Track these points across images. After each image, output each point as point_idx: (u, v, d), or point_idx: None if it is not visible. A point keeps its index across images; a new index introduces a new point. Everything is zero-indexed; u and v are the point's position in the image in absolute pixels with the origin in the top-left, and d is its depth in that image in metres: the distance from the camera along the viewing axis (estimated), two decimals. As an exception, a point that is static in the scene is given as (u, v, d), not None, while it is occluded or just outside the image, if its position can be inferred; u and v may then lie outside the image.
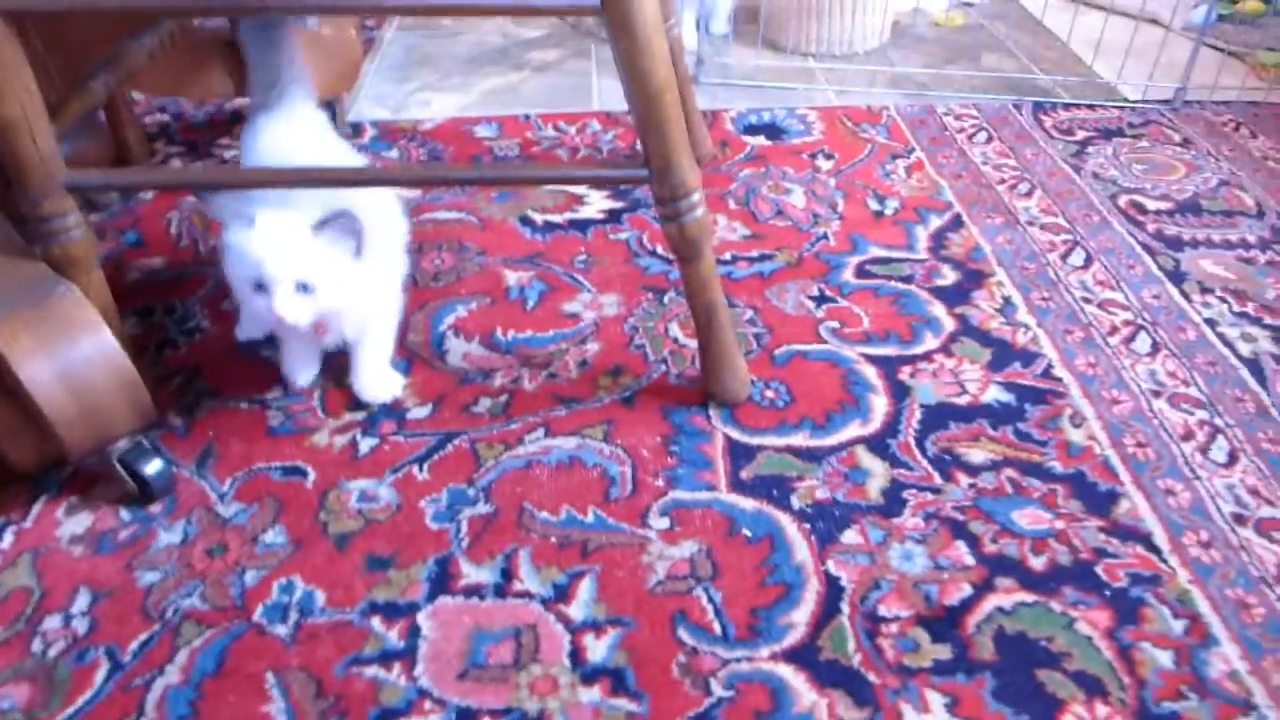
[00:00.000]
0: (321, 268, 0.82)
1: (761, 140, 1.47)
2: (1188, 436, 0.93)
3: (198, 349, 1.05)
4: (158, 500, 0.87)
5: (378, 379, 0.97)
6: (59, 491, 0.88)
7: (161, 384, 1.00)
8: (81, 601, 0.78)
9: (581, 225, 1.26)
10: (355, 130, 1.52)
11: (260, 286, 0.82)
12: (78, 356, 0.78)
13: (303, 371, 0.98)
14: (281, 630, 0.75)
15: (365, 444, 0.92)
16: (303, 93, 1.02)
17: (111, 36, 1.10)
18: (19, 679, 0.72)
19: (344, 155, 1.03)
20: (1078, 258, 1.19)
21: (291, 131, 0.97)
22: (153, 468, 0.85)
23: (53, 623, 0.77)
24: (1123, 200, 1.31)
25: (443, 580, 0.79)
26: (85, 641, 0.75)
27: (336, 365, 1.02)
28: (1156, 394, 0.98)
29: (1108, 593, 0.78)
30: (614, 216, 1.28)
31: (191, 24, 1.30)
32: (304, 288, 0.82)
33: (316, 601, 0.78)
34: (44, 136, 0.79)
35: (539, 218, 1.27)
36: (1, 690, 0.72)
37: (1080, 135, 1.49)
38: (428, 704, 0.70)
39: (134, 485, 0.86)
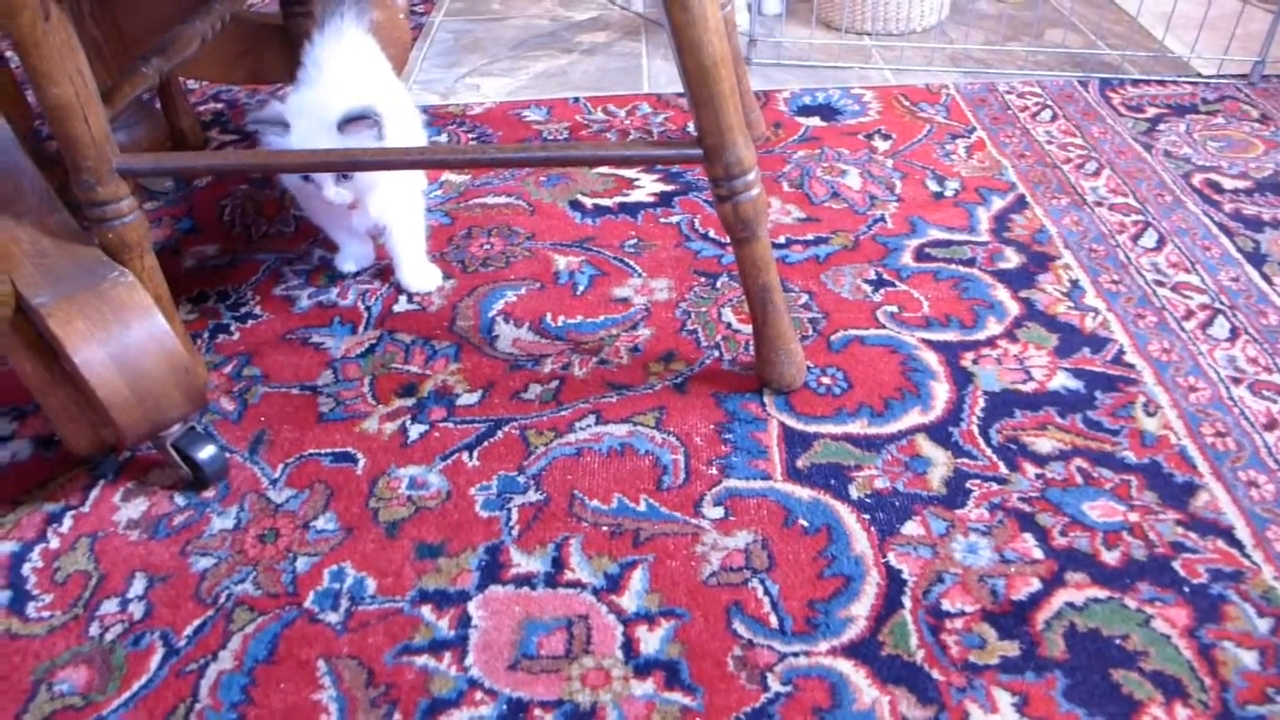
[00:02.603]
0: None
1: (816, 121, 1.43)
2: (1271, 426, 0.88)
3: (250, 335, 1.06)
4: (211, 486, 0.87)
5: (418, 271, 1.10)
6: (115, 477, 0.89)
7: (215, 369, 1.01)
8: (138, 586, 0.79)
9: (632, 209, 1.24)
10: (404, 116, 1.51)
11: (307, 179, 0.97)
12: (131, 341, 0.78)
13: (350, 261, 1.14)
14: (332, 618, 0.75)
15: (415, 430, 0.92)
16: (358, 18, 1.11)
17: (167, 21, 1.10)
18: (77, 662, 0.73)
19: (391, 83, 1.13)
20: (1150, 239, 1.14)
21: (344, 57, 1.05)
22: (206, 453, 0.86)
23: (110, 607, 0.77)
24: (1197, 179, 1.25)
25: (493, 569, 0.78)
26: (141, 626, 0.75)
27: (383, 350, 1.01)
28: (1236, 381, 0.93)
29: (1186, 589, 0.74)
30: (665, 200, 1.25)
31: (243, 9, 1.30)
32: (342, 176, 0.96)
33: (367, 589, 0.77)
34: (97, 120, 0.79)
35: (589, 202, 1.26)
36: (60, 673, 0.72)
37: (1150, 112, 1.42)
38: (478, 695, 0.69)
39: (188, 471, 0.86)
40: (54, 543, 0.83)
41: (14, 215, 0.84)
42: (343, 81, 1.01)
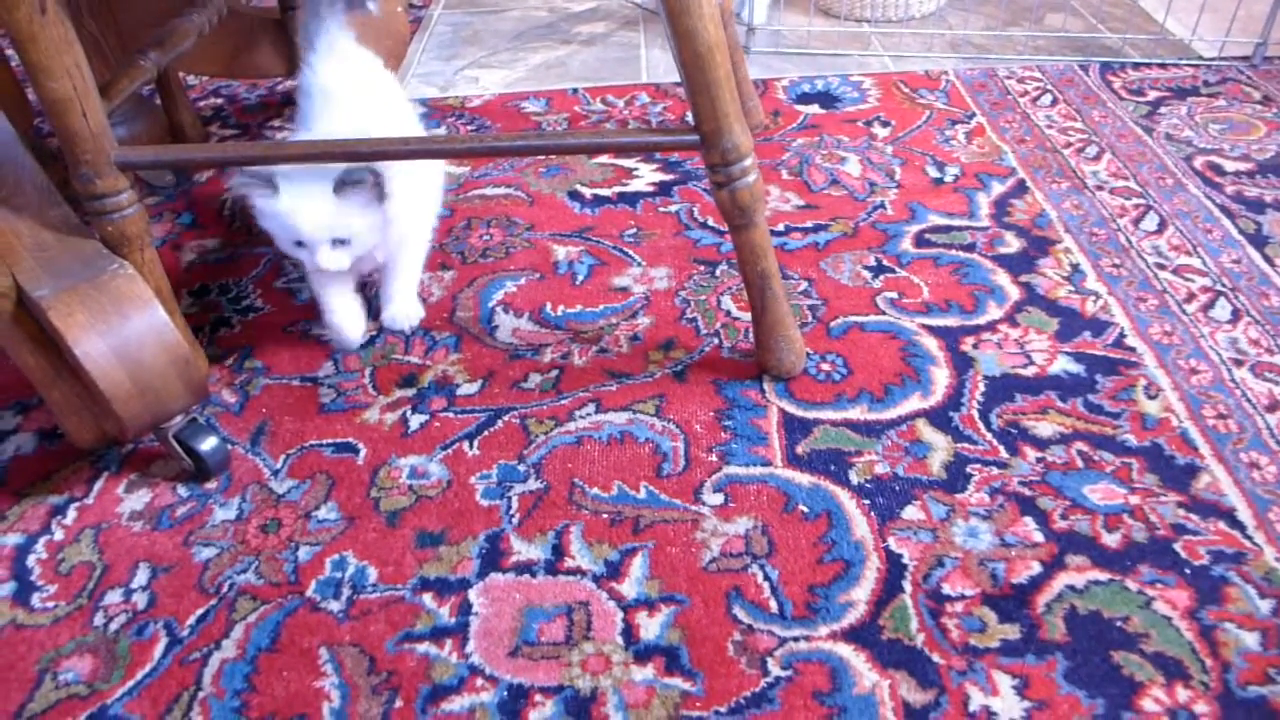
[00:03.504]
0: (350, 223, 0.87)
1: (815, 109, 1.43)
2: (1272, 408, 0.88)
3: (251, 328, 1.06)
4: (213, 477, 0.87)
5: (403, 308, 1.01)
6: (119, 469, 0.89)
7: (216, 362, 1.01)
8: (141, 576, 0.79)
9: (631, 199, 1.24)
10: (403, 109, 1.51)
11: (300, 244, 0.89)
12: (131, 333, 0.79)
13: (352, 325, 0.99)
14: (334, 606, 0.75)
15: (415, 420, 0.92)
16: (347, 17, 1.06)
17: (164, 16, 1.10)
18: (82, 651, 0.74)
19: (392, 94, 1.07)
20: (1151, 222, 1.14)
21: (341, 88, 0.98)
22: (208, 445, 0.86)
23: (114, 597, 0.78)
24: (1198, 162, 1.25)
25: (494, 557, 0.78)
26: (145, 615, 0.76)
27: (383, 341, 1.02)
28: (1238, 363, 0.93)
29: (1188, 571, 0.74)
30: (664, 189, 1.25)
31: (240, 3, 1.30)
32: (339, 242, 0.88)
33: (368, 577, 0.77)
34: (95, 113, 0.80)
35: (588, 192, 1.26)
36: (65, 663, 0.73)
37: (1151, 95, 1.42)
38: (479, 681, 0.69)
39: (190, 462, 0.86)
40: (58, 534, 0.83)
41: (14, 209, 0.84)
42: (340, 125, 0.91)
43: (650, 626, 0.72)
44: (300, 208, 0.86)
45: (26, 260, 0.81)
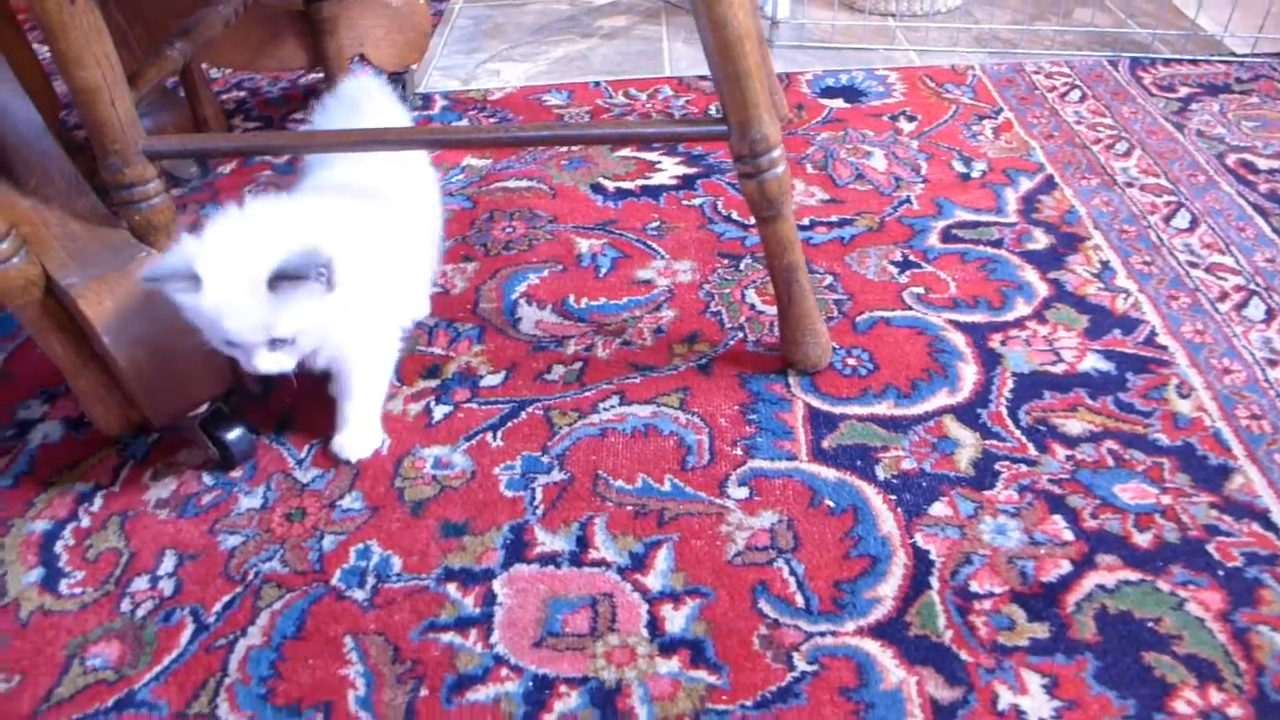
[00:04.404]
0: (291, 321, 0.73)
1: (839, 103, 1.42)
2: (1308, 407, 0.86)
3: (275, 318, 1.06)
4: (238, 466, 0.87)
5: (361, 434, 0.87)
6: (145, 457, 0.90)
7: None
8: (167, 563, 0.79)
9: (654, 191, 1.23)
10: (425, 101, 1.52)
11: (232, 344, 0.75)
12: (159, 322, 0.79)
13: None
14: (359, 595, 0.75)
15: (439, 411, 0.92)
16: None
17: (189, 7, 1.11)
18: (109, 637, 0.74)
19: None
20: (1182, 220, 1.12)
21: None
22: (233, 434, 0.86)
23: (140, 584, 0.78)
24: (1231, 159, 1.23)
25: (518, 548, 0.78)
26: (171, 602, 0.76)
27: (407, 332, 1.01)
28: (1272, 363, 0.91)
29: (1221, 572, 0.73)
30: (687, 182, 1.25)
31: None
32: (279, 343, 0.74)
33: (393, 567, 0.77)
34: (123, 103, 0.80)
35: (610, 185, 1.25)
36: (93, 648, 0.73)
37: (1182, 92, 1.40)
38: (504, 671, 0.69)
39: (215, 451, 0.87)
40: (85, 521, 0.84)
41: (43, 199, 0.85)
42: (288, 210, 0.79)
43: (675, 619, 0.72)
44: (228, 306, 0.71)
45: (55, 249, 0.82)
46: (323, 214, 0.80)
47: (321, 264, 0.72)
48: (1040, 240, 1.10)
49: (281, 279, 0.70)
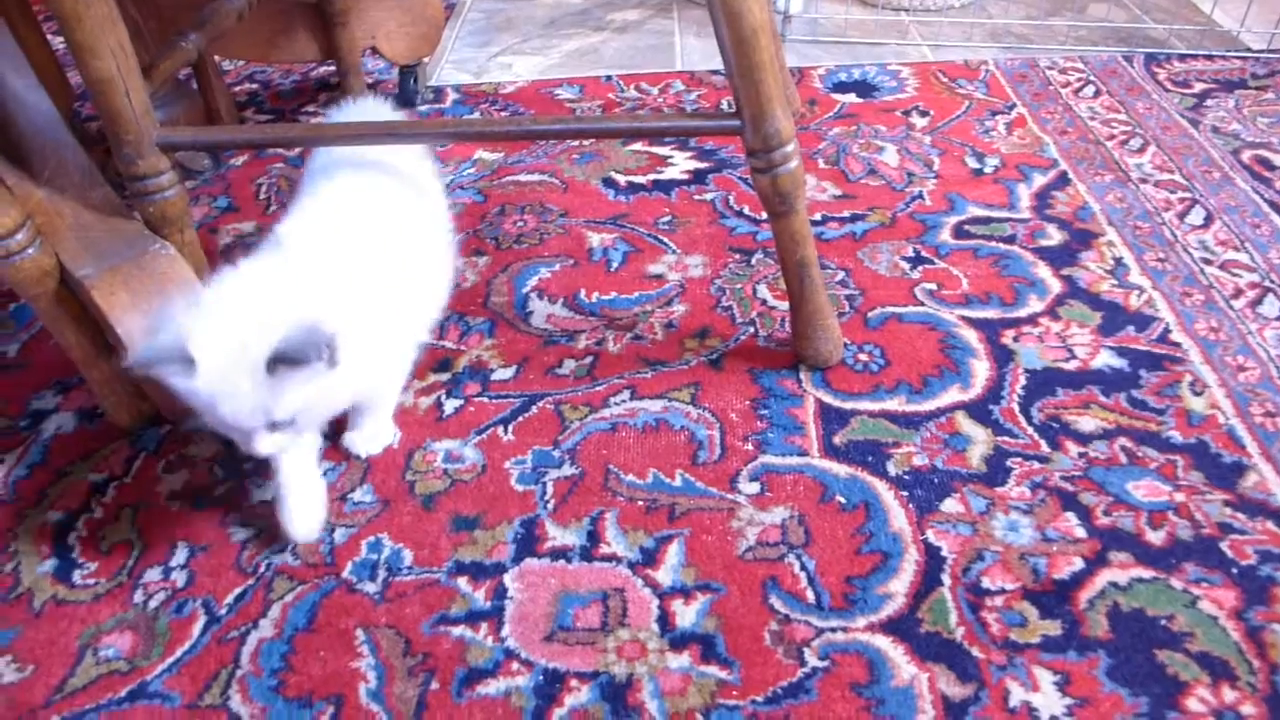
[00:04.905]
0: (292, 403, 0.68)
1: (852, 98, 1.41)
2: (1323, 406, 0.86)
3: (287, 310, 1.06)
4: (250, 459, 0.88)
5: (370, 431, 0.86)
6: (157, 449, 0.90)
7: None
8: (179, 555, 0.80)
9: (665, 186, 1.23)
10: (437, 95, 1.52)
11: (229, 427, 0.70)
12: (173, 313, 0.79)
13: (304, 519, 0.78)
14: (370, 588, 0.75)
15: (450, 405, 0.92)
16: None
17: (202, 0, 1.11)
18: (122, 628, 0.74)
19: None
20: (1197, 216, 1.11)
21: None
22: (245, 425, 0.86)
23: (153, 575, 0.78)
24: (1246, 155, 1.22)
25: (529, 542, 0.78)
26: (183, 594, 0.76)
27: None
28: (1287, 360, 0.91)
29: (1234, 570, 0.73)
30: (699, 177, 1.24)
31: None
32: (279, 425, 0.69)
33: (404, 560, 0.77)
34: (138, 94, 0.80)
35: (622, 179, 1.25)
36: (106, 639, 0.74)
37: (1198, 88, 1.39)
38: (515, 665, 0.69)
39: (227, 444, 0.87)
40: (98, 513, 0.84)
41: (58, 190, 0.85)
42: (287, 274, 0.73)
43: (686, 614, 0.72)
44: (224, 391, 0.66)
45: (70, 240, 0.82)
46: (325, 274, 0.74)
47: (324, 341, 0.66)
48: (1053, 236, 1.09)
49: (281, 363, 0.65)
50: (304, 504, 0.78)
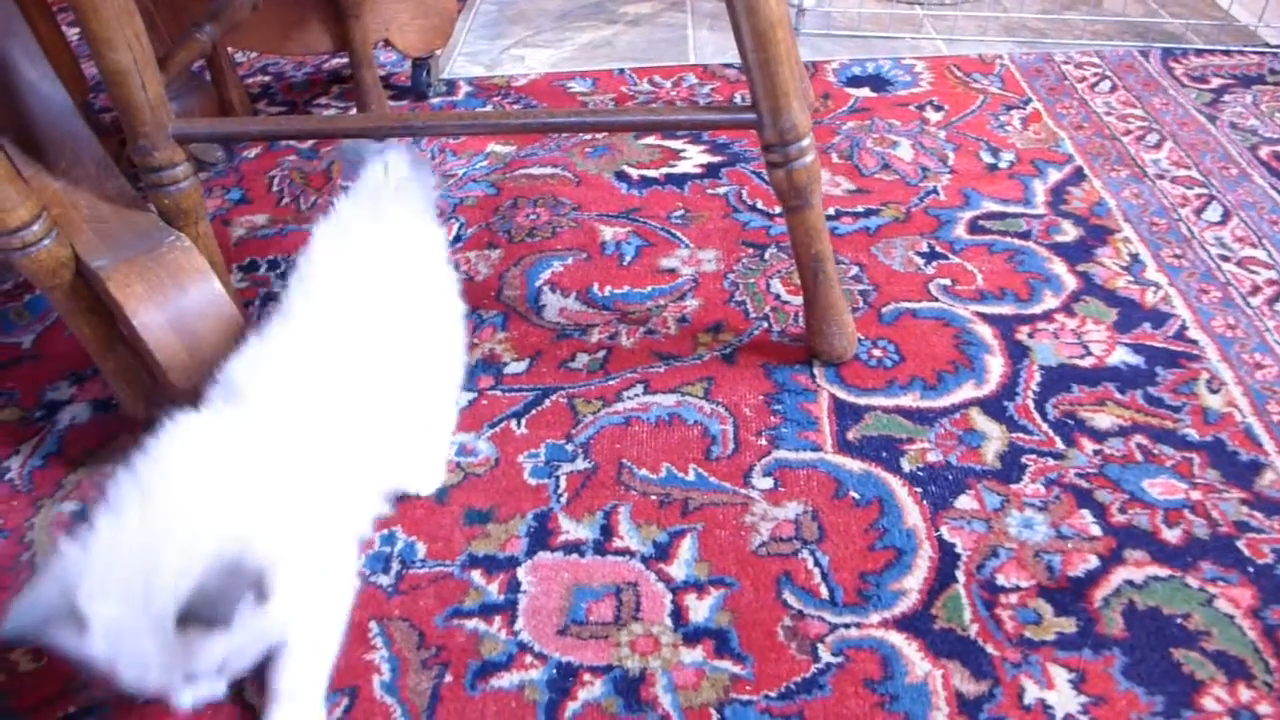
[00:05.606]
0: (212, 655, 0.55)
1: (866, 92, 1.40)
2: (1342, 404, 0.85)
3: (300, 302, 1.06)
4: (264, 449, 0.88)
5: None
6: (171, 439, 0.90)
7: (266, 336, 1.01)
8: (193, 545, 0.80)
9: (678, 180, 1.23)
10: (450, 87, 1.51)
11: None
12: (188, 305, 0.79)
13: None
14: (384, 580, 0.76)
15: (463, 398, 0.92)
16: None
17: (216, -8, 1.11)
18: (136, 618, 0.74)
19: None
20: (1214, 213, 1.10)
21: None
22: (259, 417, 0.86)
23: (167, 565, 0.78)
24: (1264, 151, 1.21)
25: (542, 535, 0.78)
26: (197, 584, 0.77)
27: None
28: (1305, 358, 0.90)
29: (1251, 569, 0.72)
30: (712, 171, 1.24)
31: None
32: (196, 676, 0.56)
33: (418, 553, 0.78)
34: (153, 85, 0.80)
35: (635, 173, 1.25)
36: (120, 628, 0.74)
37: (1215, 83, 1.38)
38: (528, 658, 0.69)
39: (241, 434, 0.87)
40: (113, 503, 0.84)
41: (73, 181, 0.85)
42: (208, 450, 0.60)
43: (699, 609, 0.72)
44: (125, 653, 0.53)
45: (85, 231, 0.82)
46: (273, 457, 0.60)
47: (250, 582, 0.53)
48: (1069, 232, 1.08)
49: (194, 621, 0.52)
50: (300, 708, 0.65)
